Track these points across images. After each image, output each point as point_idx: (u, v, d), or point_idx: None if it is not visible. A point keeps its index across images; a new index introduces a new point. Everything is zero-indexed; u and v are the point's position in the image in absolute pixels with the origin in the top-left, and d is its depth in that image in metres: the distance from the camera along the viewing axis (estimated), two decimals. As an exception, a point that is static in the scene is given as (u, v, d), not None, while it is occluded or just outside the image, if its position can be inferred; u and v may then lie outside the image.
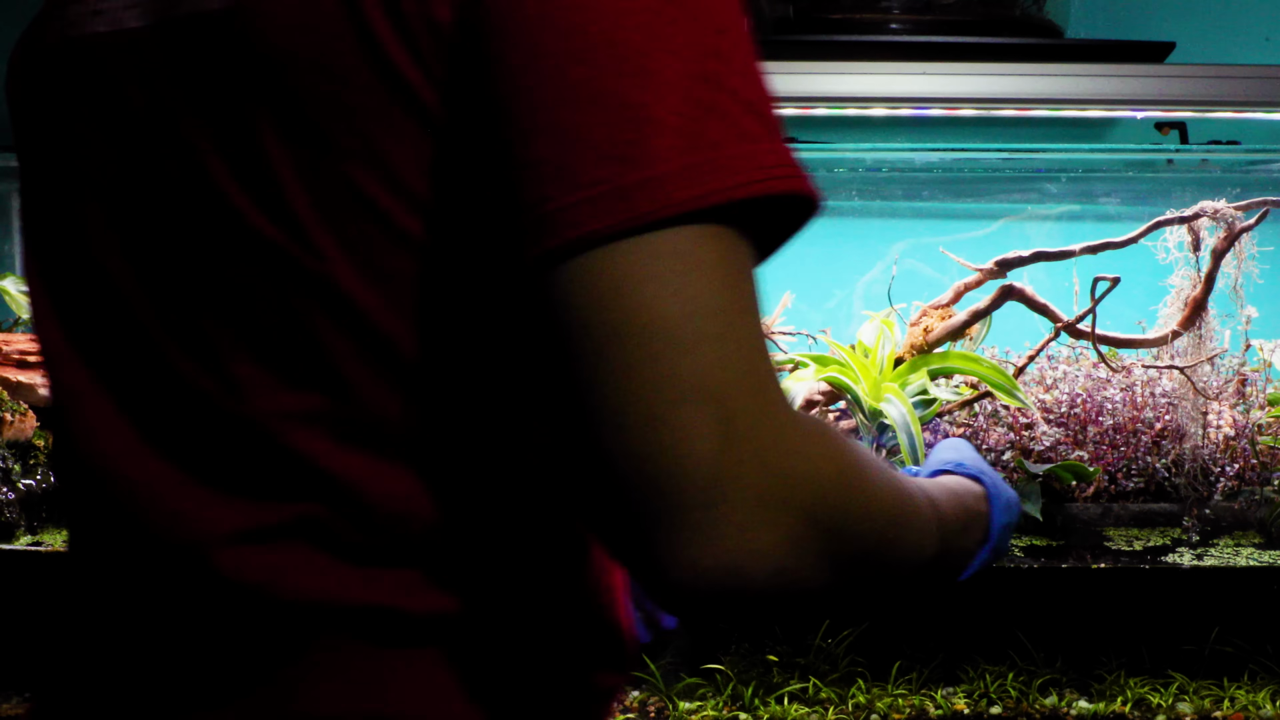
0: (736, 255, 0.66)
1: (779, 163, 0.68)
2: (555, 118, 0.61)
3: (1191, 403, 1.76)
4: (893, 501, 0.71)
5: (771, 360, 0.65)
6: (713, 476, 0.60)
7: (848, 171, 2.03)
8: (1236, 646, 1.63)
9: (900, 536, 0.72)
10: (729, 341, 0.62)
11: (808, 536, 0.63)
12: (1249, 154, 1.91)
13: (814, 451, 0.64)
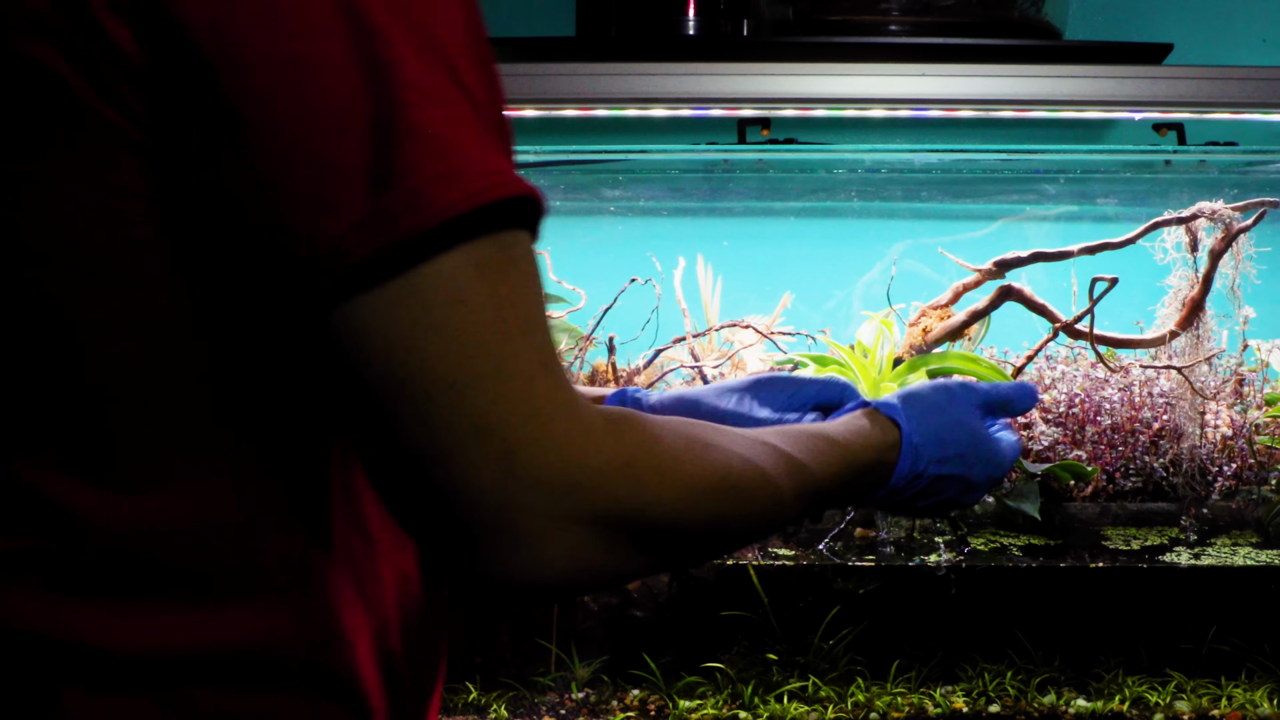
0: (504, 264, 0.67)
1: (496, 169, 0.69)
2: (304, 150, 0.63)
3: (1189, 402, 1.76)
4: (711, 475, 0.75)
5: (553, 351, 0.68)
6: (500, 504, 0.65)
7: (847, 172, 2.03)
8: (1234, 645, 1.63)
9: (728, 504, 0.76)
10: (504, 376, 0.65)
11: (601, 536, 0.68)
12: (1246, 155, 1.91)
13: (598, 453, 0.68)
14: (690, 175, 2.08)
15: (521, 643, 1.67)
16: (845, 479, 0.89)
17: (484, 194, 0.65)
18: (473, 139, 0.67)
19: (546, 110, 1.72)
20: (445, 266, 0.64)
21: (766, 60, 1.65)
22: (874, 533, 1.72)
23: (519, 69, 1.64)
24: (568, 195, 2.07)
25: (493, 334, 0.65)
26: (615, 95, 1.64)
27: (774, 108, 1.69)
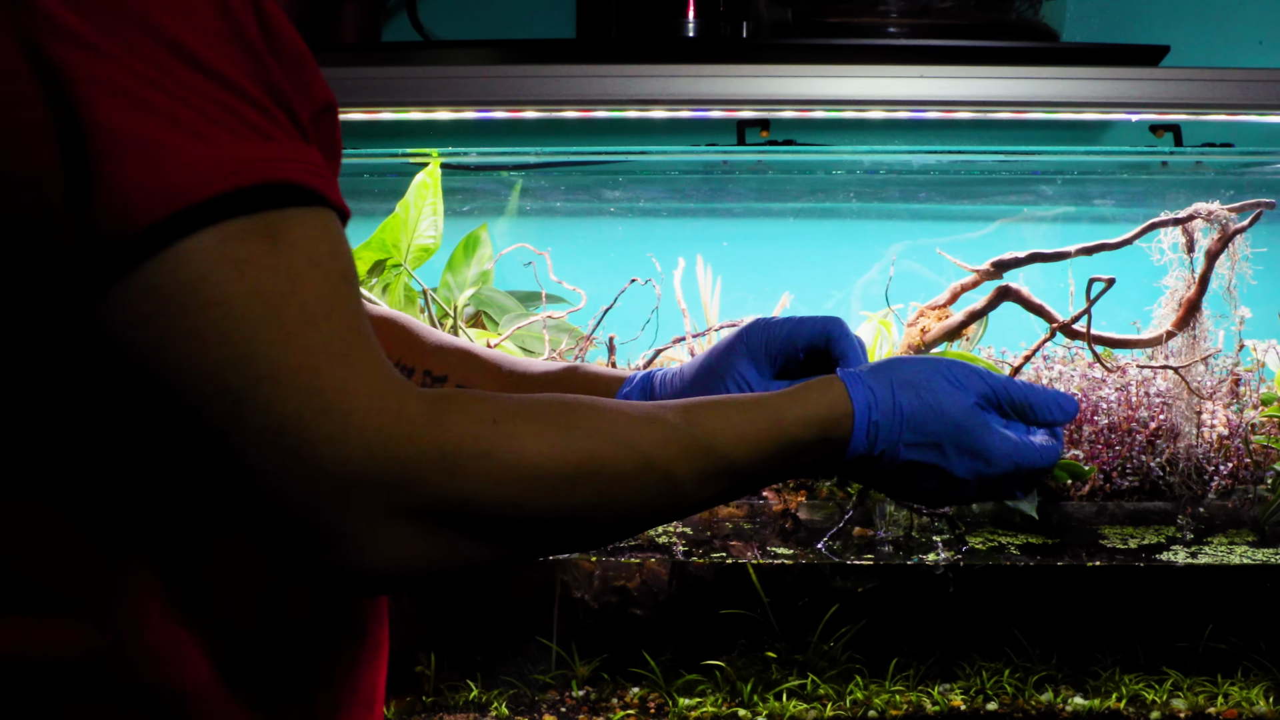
0: (268, 255, 0.63)
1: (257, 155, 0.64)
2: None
3: (1186, 402, 1.77)
4: (568, 460, 0.70)
5: (353, 336, 0.64)
6: (305, 505, 0.63)
7: (845, 174, 2.04)
8: (1230, 643, 1.63)
9: (591, 491, 0.71)
10: (283, 373, 0.62)
11: (424, 529, 0.66)
12: (1243, 156, 1.91)
13: (411, 443, 0.64)
14: (690, 176, 2.08)
15: (522, 641, 1.68)
16: (772, 457, 0.80)
17: (201, 189, 0.60)
18: (195, 131, 0.61)
19: (547, 112, 1.72)
20: (185, 270, 0.60)
21: (766, 62, 1.65)
22: (872, 532, 1.72)
23: (520, 71, 1.64)
24: (568, 196, 2.07)
25: (261, 331, 0.62)
26: (615, 97, 1.64)
27: (773, 109, 1.70)
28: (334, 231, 0.66)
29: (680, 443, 0.76)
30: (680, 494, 0.76)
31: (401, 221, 1.82)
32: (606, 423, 0.73)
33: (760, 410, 0.81)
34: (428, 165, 1.85)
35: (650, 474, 0.74)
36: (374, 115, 1.76)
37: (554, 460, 0.69)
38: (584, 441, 0.71)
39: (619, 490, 0.72)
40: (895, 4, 1.72)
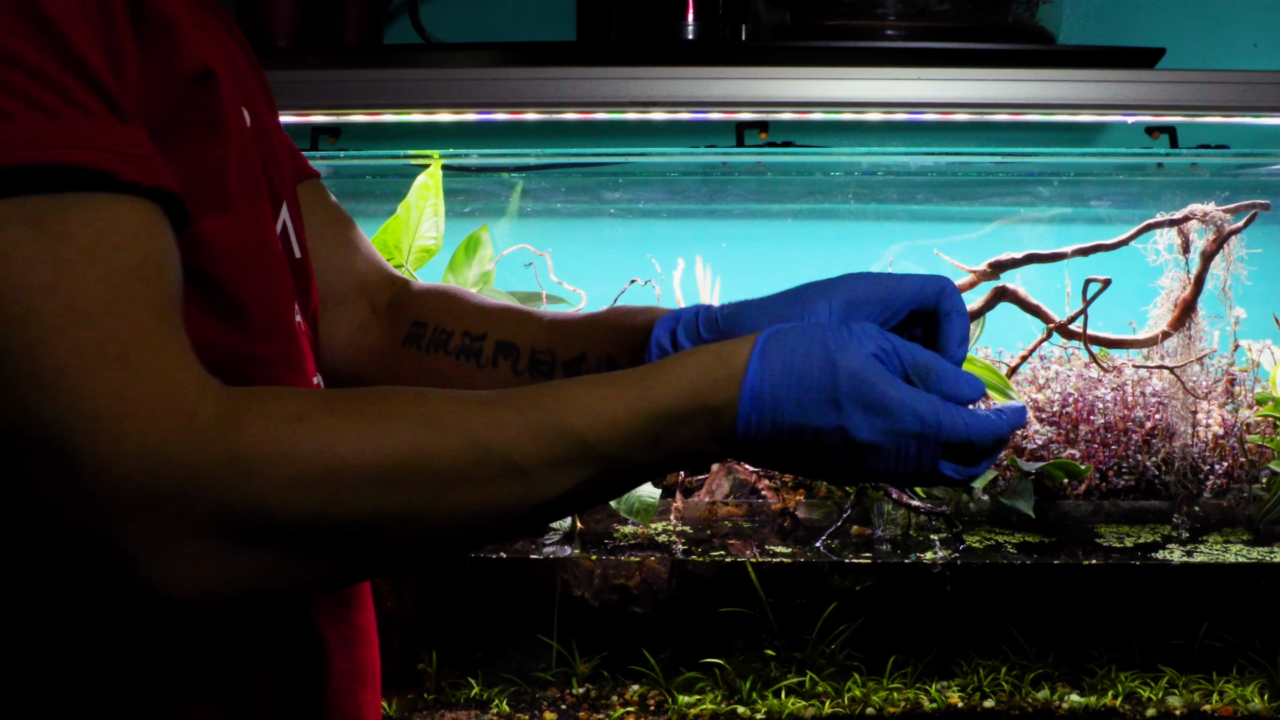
0: (35, 247, 0.57)
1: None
2: None
3: (1181, 402, 1.77)
4: (385, 458, 0.62)
5: (134, 334, 0.58)
6: (82, 521, 0.58)
7: (844, 175, 2.04)
8: (1225, 641, 1.63)
9: (418, 491, 0.63)
10: (46, 375, 0.57)
11: (224, 546, 0.59)
12: (1237, 158, 1.91)
13: (198, 450, 0.58)
14: (689, 178, 2.08)
15: (523, 638, 1.68)
16: (639, 434, 0.70)
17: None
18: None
19: (548, 114, 1.72)
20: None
21: (764, 65, 1.66)
22: (870, 530, 1.72)
23: (521, 73, 1.65)
24: (569, 197, 2.07)
25: (19, 329, 0.56)
26: (615, 99, 1.64)
27: (772, 111, 1.70)
28: (128, 221, 0.60)
29: (523, 425, 0.67)
30: (530, 486, 0.67)
31: (403, 222, 1.83)
32: (434, 411, 0.65)
33: (624, 383, 0.71)
34: (429, 167, 1.85)
35: (488, 464, 0.65)
36: (376, 117, 1.76)
37: (367, 457, 0.62)
38: (405, 434, 0.63)
39: (453, 487, 0.64)
40: (893, 7, 1.72)
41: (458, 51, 1.81)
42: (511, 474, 0.66)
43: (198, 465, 0.58)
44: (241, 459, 0.59)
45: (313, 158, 1.91)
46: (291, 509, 0.60)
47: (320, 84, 1.65)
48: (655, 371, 0.72)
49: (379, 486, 0.62)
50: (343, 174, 2.07)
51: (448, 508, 0.65)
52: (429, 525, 0.65)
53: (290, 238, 0.90)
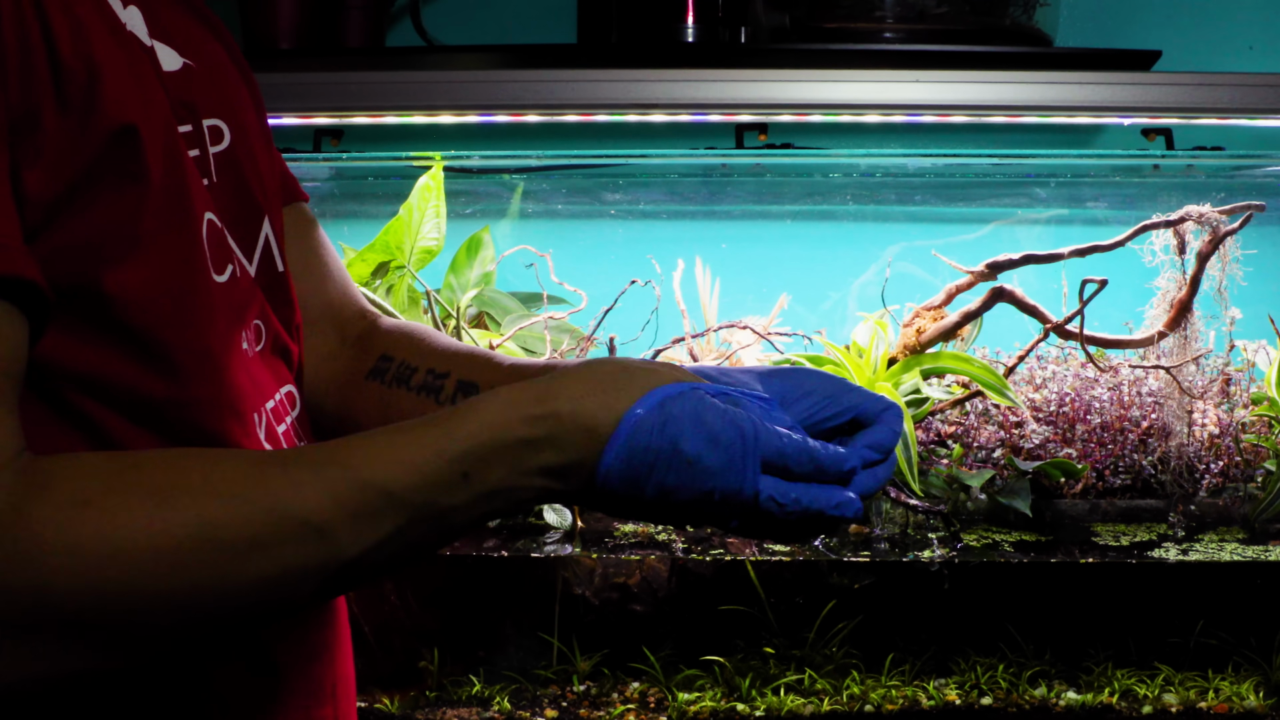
0: None
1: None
2: None
3: (1177, 402, 1.77)
4: (175, 534, 0.61)
5: None
6: None
7: (843, 176, 2.04)
8: (1221, 639, 1.63)
9: (214, 563, 0.61)
10: None
11: (11, 638, 0.58)
12: (1233, 159, 1.92)
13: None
14: (689, 179, 2.09)
15: (524, 636, 1.68)
16: (445, 475, 0.68)
17: None
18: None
19: (549, 116, 1.72)
20: None
21: (764, 67, 1.66)
22: (869, 529, 1.72)
23: (522, 75, 1.65)
24: (569, 199, 2.07)
25: None
26: (616, 101, 1.64)
27: (771, 113, 1.70)
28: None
29: (319, 483, 0.65)
30: (331, 544, 0.64)
31: (405, 224, 1.83)
32: (224, 477, 0.63)
33: (427, 425, 0.70)
34: (431, 168, 1.85)
35: (282, 528, 0.63)
36: (378, 119, 1.76)
37: (149, 538, 0.60)
38: (191, 508, 0.61)
39: (247, 556, 0.62)
40: (891, 9, 1.72)
41: (459, 54, 1.81)
42: (309, 535, 0.64)
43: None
44: (23, 545, 0.58)
45: (315, 159, 1.92)
46: (75, 595, 0.59)
47: (323, 86, 1.65)
48: (462, 410, 0.71)
49: (164, 566, 0.60)
50: (345, 175, 2.07)
51: (244, 578, 0.63)
52: (226, 598, 0.63)
53: (273, 252, 0.89)
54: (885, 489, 1.72)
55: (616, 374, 0.74)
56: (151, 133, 0.72)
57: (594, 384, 0.73)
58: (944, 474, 1.73)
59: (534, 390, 0.72)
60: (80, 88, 0.67)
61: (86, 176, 0.68)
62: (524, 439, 0.70)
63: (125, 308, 0.70)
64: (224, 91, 0.87)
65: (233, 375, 0.78)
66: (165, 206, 0.73)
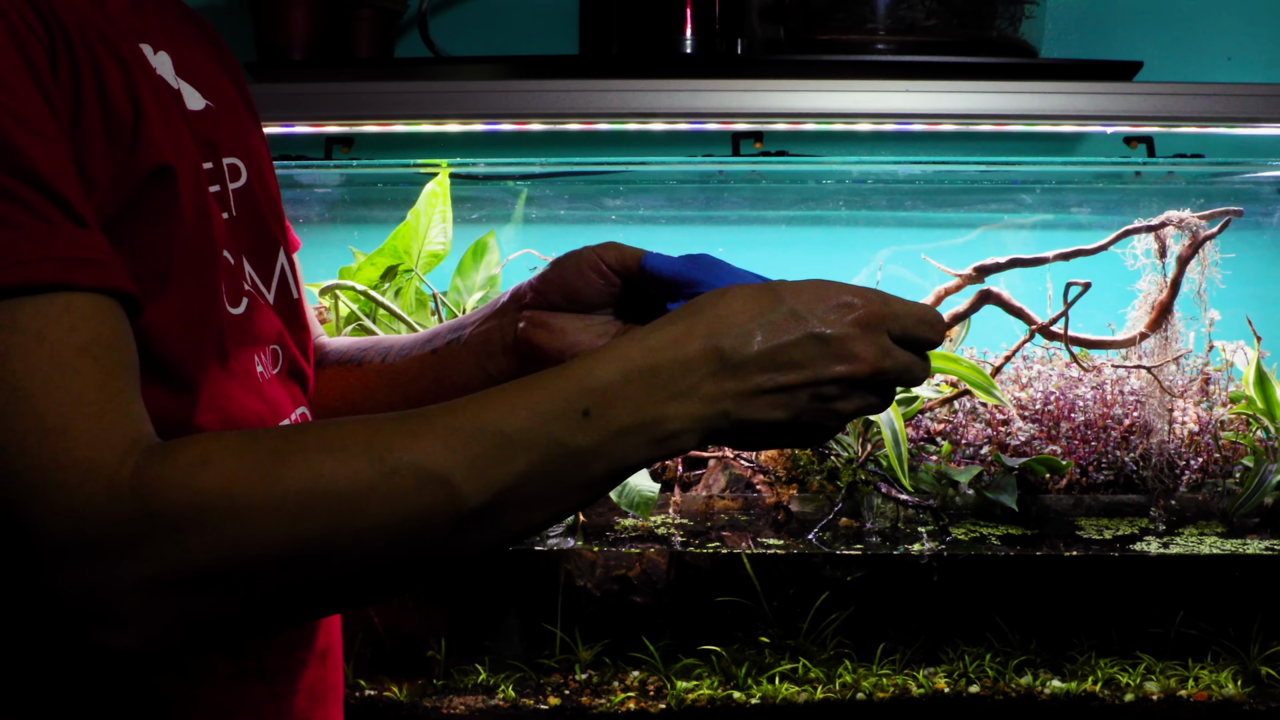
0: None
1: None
2: None
3: (1158, 400, 1.77)
4: (295, 492, 0.61)
5: (69, 411, 0.60)
6: (33, 584, 0.60)
7: (835, 183, 2.04)
8: (1200, 629, 1.63)
9: (327, 520, 0.62)
10: (5, 470, 0.59)
11: (163, 601, 0.60)
12: (1212, 167, 1.91)
13: (116, 517, 0.60)
14: (687, 185, 2.08)
15: (528, 627, 1.68)
16: (565, 413, 0.67)
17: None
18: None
19: (551, 124, 1.72)
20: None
21: (759, 77, 1.66)
22: (860, 524, 1.72)
23: (526, 85, 1.65)
24: (572, 204, 2.07)
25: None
26: (616, 110, 1.64)
27: (766, 122, 1.70)
28: (80, 306, 0.62)
29: (434, 431, 0.64)
30: (450, 492, 0.63)
31: (413, 229, 1.83)
32: (337, 434, 0.64)
33: (552, 372, 0.68)
34: (437, 175, 1.85)
35: (399, 477, 0.63)
36: (387, 127, 1.76)
37: (268, 489, 0.62)
38: (304, 462, 0.62)
39: (364, 506, 0.62)
40: (882, 21, 1.72)
41: (465, 65, 1.81)
42: (425, 482, 0.63)
43: (117, 524, 0.59)
44: (155, 512, 0.60)
45: (326, 166, 1.92)
46: (207, 551, 0.60)
47: (334, 95, 1.65)
48: (580, 357, 0.69)
49: (282, 518, 0.61)
50: (355, 182, 2.07)
51: (361, 527, 0.62)
52: (346, 549, 0.63)
53: (288, 281, 0.91)
54: (876, 484, 1.72)
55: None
56: (184, 172, 0.74)
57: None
58: (933, 470, 1.73)
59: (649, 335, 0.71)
60: (126, 128, 0.69)
61: (127, 212, 0.70)
62: (650, 366, 0.69)
63: (156, 338, 0.71)
64: (240, 131, 0.89)
65: (242, 400, 0.79)
66: (193, 242, 0.74)
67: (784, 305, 0.75)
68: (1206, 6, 2.02)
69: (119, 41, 0.73)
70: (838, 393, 0.73)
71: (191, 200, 0.75)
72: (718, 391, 0.70)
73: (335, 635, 0.92)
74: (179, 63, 0.82)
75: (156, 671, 0.74)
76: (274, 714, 0.83)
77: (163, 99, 0.76)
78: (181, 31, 0.86)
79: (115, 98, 0.69)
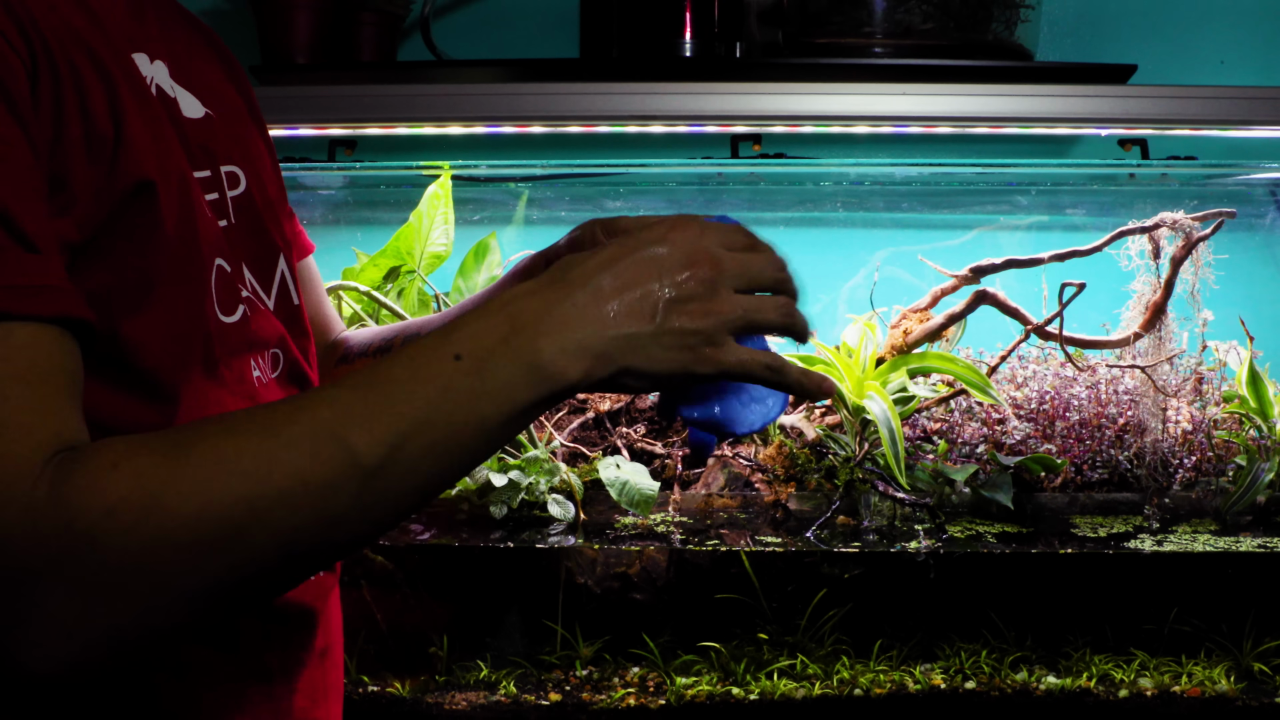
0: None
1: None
2: None
3: (1152, 400, 1.77)
4: (201, 473, 0.61)
5: (11, 432, 0.60)
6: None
7: (833, 185, 2.04)
8: (1193, 626, 1.63)
9: (231, 488, 0.61)
10: None
11: (74, 623, 0.59)
12: (1205, 169, 1.92)
13: (39, 528, 0.59)
14: (686, 187, 2.09)
15: (529, 624, 1.68)
16: (446, 354, 0.68)
17: None
18: None
19: (553, 127, 1.72)
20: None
21: (758, 80, 1.66)
22: (858, 521, 1.72)
23: (527, 88, 1.65)
24: (572, 206, 2.07)
25: None
26: (616, 113, 1.64)
27: (765, 124, 1.70)
28: (18, 336, 0.62)
29: (325, 396, 0.66)
30: (350, 451, 0.64)
31: (415, 230, 1.83)
32: (234, 419, 0.65)
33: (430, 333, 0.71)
34: (440, 177, 1.85)
35: (296, 442, 0.63)
36: (390, 130, 1.76)
37: (171, 483, 0.61)
38: (205, 447, 0.63)
39: (268, 475, 0.62)
40: (879, 25, 1.72)
41: (467, 68, 1.81)
42: (322, 444, 0.63)
43: (36, 544, 0.58)
44: (71, 523, 0.59)
45: (330, 168, 1.92)
46: (125, 552, 0.60)
47: (337, 98, 1.65)
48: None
49: (196, 500, 0.61)
50: (358, 184, 2.07)
51: (272, 497, 0.62)
52: (262, 524, 0.62)
53: (289, 287, 0.92)
54: (873, 483, 1.72)
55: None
56: (167, 187, 0.74)
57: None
58: (930, 469, 1.73)
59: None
60: (108, 146, 0.70)
61: (107, 226, 0.70)
62: (514, 307, 0.70)
63: (136, 351, 0.72)
64: (242, 140, 0.89)
65: (231, 407, 0.79)
66: (176, 255, 0.74)
67: (634, 244, 0.76)
68: (1200, 11, 2.02)
69: (106, 55, 0.72)
70: (692, 291, 0.74)
71: (175, 213, 0.74)
72: (578, 317, 0.71)
73: (335, 634, 0.92)
74: (178, 70, 0.81)
75: (150, 674, 0.74)
76: (273, 713, 0.83)
77: (152, 112, 0.75)
78: (184, 38, 0.86)
79: (97, 115, 0.69)
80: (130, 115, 0.72)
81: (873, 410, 1.68)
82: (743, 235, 0.80)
